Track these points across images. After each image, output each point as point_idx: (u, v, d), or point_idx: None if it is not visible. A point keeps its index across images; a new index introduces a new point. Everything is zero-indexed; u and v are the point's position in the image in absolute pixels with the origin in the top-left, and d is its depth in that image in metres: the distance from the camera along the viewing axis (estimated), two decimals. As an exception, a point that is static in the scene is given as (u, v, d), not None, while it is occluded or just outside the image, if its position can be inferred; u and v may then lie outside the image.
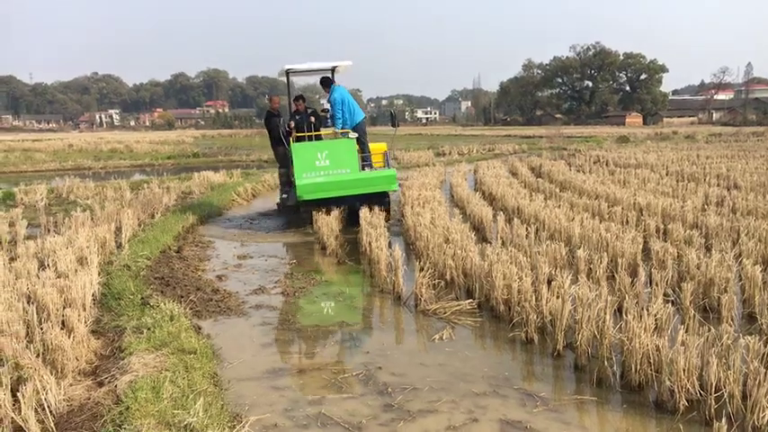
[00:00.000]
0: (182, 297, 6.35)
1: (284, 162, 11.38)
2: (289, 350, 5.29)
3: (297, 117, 11.01)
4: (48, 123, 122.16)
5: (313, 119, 10.94)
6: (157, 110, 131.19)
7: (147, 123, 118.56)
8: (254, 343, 5.43)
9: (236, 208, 14.03)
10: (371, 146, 11.07)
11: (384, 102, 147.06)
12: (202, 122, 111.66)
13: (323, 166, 10.01)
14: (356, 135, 10.46)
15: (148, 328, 5.06)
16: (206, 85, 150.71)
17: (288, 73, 11.18)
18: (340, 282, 7.44)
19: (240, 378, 4.62)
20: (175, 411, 3.60)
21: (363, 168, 10.46)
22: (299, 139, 10.57)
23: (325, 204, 10.10)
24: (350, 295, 6.83)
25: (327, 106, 10.90)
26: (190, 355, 4.60)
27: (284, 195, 11.69)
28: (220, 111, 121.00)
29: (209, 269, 8.09)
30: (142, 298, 6.00)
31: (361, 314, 6.28)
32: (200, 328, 5.58)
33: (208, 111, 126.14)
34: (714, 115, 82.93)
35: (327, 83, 10.97)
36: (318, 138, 10.70)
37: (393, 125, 11.48)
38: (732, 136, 38.36)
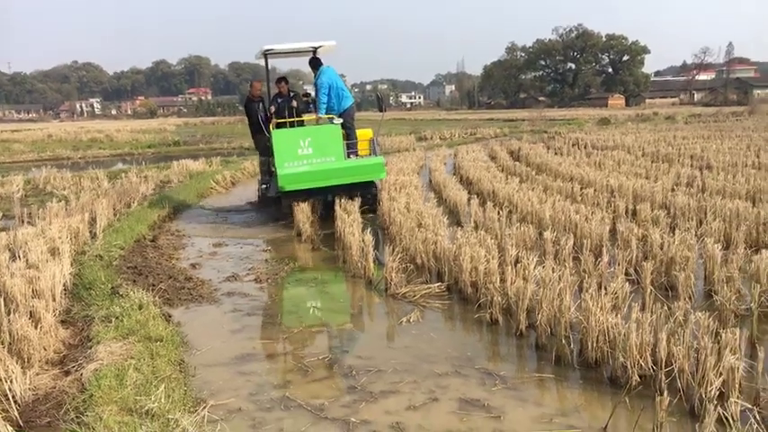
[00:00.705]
0: (153, 286, 6.39)
1: (265, 150, 10.69)
2: (257, 336, 5.35)
3: (279, 101, 10.32)
4: (27, 113, 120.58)
5: (295, 103, 10.30)
6: (139, 98, 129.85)
7: (129, 112, 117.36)
8: (224, 330, 5.49)
9: (214, 196, 14.02)
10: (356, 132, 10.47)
11: (368, 87, 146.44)
12: (185, 110, 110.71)
13: (306, 154, 9.38)
14: (341, 121, 9.82)
15: (117, 317, 5.11)
16: (188, 72, 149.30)
17: (266, 54, 10.52)
18: (313, 268, 7.51)
19: (207, 364, 4.69)
20: (138, 398, 3.66)
21: (349, 156, 9.84)
22: (279, 126, 9.86)
23: (309, 195, 9.56)
24: (322, 281, 6.90)
25: (310, 90, 10.46)
26: (156, 342, 4.65)
27: (264, 186, 11.14)
28: (203, 98, 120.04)
29: (184, 258, 8.12)
30: (112, 287, 6.03)
31: (332, 299, 6.36)
32: (170, 316, 5.63)
33: (190, 98, 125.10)
34: (696, 96, 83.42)
35: (317, 64, 10.22)
36: (301, 124, 10.14)
37: (380, 109, 10.75)
38: (711, 116, 38.71)
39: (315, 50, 10.59)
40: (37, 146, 32.67)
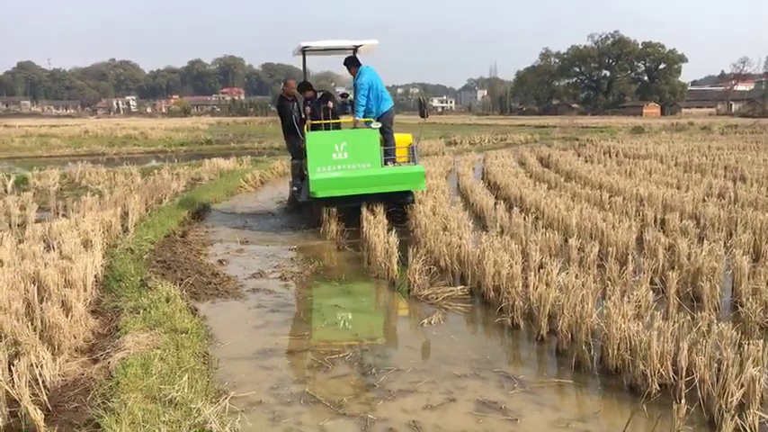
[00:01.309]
0: (180, 280, 6.52)
1: (297, 153, 10.19)
2: (280, 332, 5.43)
3: (309, 104, 10.02)
4: (66, 109, 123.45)
5: (330, 104, 9.92)
6: (174, 96, 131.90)
7: (164, 110, 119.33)
8: (248, 325, 5.58)
9: (242, 194, 14.20)
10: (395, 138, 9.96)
11: (399, 90, 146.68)
12: (218, 109, 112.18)
13: (340, 159, 8.96)
14: (380, 125, 9.33)
15: (145, 309, 5.24)
16: (222, 72, 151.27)
17: (304, 51, 10.09)
18: (337, 267, 7.58)
19: (230, 357, 4.78)
20: (162, 387, 3.76)
21: (386, 163, 9.36)
22: (314, 128, 9.46)
23: (341, 203, 9.14)
24: (345, 280, 6.96)
25: (345, 91, 10.09)
26: (182, 334, 4.76)
27: (294, 188, 10.71)
28: (236, 98, 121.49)
29: (211, 254, 8.26)
30: (141, 280, 6.17)
31: (355, 298, 6.41)
32: (196, 310, 5.74)
33: (223, 98, 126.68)
34: (733, 106, 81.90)
35: (354, 62, 9.71)
36: (337, 127, 9.72)
37: (422, 115, 10.02)
38: (749, 127, 37.94)
39: (355, 49, 10.21)
40: (73, 141, 33.41)
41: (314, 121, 9.55)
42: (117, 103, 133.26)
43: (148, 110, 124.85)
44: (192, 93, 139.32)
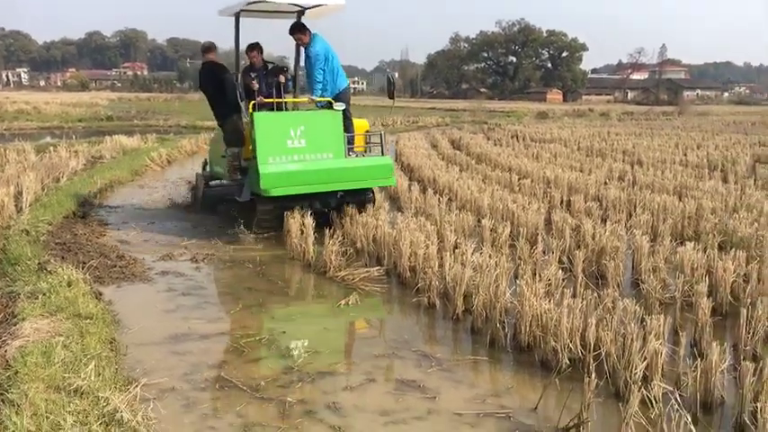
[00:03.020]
0: (83, 263, 6.16)
1: (236, 137, 7.92)
2: (193, 316, 5.25)
3: (252, 75, 8.13)
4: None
5: (282, 78, 8.23)
6: (70, 70, 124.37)
7: (59, 84, 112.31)
8: (158, 309, 5.37)
9: (149, 174, 13.63)
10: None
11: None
12: (119, 84, 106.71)
13: (297, 147, 7.35)
14: (343, 105, 7.74)
15: (44, 294, 4.91)
16: (123, 45, 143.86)
17: (238, 14, 8.21)
18: (252, 249, 7.40)
19: (140, 343, 4.58)
20: (66, 375, 3.54)
21: (348, 153, 7.85)
22: (262, 107, 7.75)
23: (294, 203, 7.45)
24: (260, 262, 6.82)
25: (287, 64, 8.59)
26: (86, 320, 4.51)
27: (219, 182, 8.83)
28: (138, 73, 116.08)
29: (116, 235, 7.86)
30: (39, 263, 5.78)
31: (269, 280, 6.29)
32: (100, 294, 5.45)
33: (125, 72, 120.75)
34: (629, 94, 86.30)
35: (303, 29, 7.86)
36: (294, 107, 8.24)
37: (389, 96, 8.46)
38: (643, 115, 40.17)
39: (302, 12, 8.49)
40: (-42, 115, 30.87)
41: (267, 99, 7.84)
42: (6, 76, 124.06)
43: (42, 83, 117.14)
44: (90, 66, 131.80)
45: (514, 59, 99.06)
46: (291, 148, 7.34)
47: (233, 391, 3.90)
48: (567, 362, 4.09)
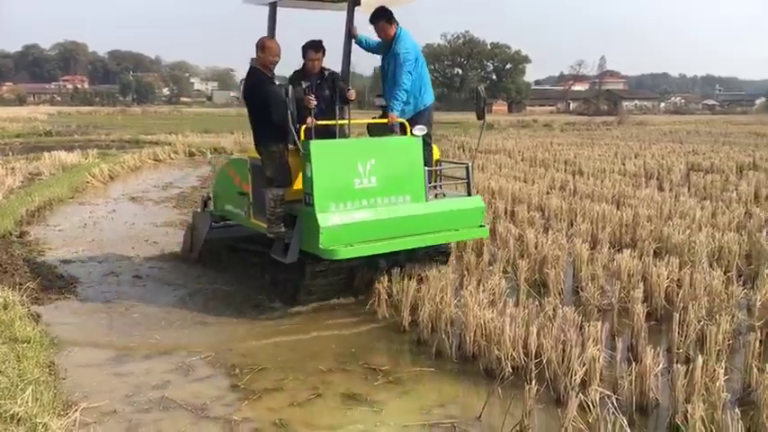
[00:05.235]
0: (20, 284, 5.96)
1: (283, 174, 5.49)
2: (134, 335, 5.14)
3: (303, 85, 5.68)
4: None
5: (352, 94, 5.79)
6: (6, 83, 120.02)
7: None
8: (99, 329, 5.24)
9: (90, 191, 13.27)
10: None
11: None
12: (59, 98, 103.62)
13: (366, 187, 5.28)
14: (424, 130, 5.63)
15: (-23, 318, 4.74)
16: (62, 58, 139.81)
17: (275, 4, 6.23)
18: (197, 265, 7.29)
19: (80, 365, 4.47)
20: (2, 402, 3.43)
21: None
22: (318, 133, 5.41)
23: (359, 264, 5.69)
24: (203, 277, 6.72)
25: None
26: (23, 344, 4.37)
27: (277, 236, 5.54)
28: (79, 86, 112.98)
29: (55, 255, 7.63)
30: (-28, 286, 5.58)
31: (216, 296, 6.20)
32: (39, 316, 5.29)
33: (65, 86, 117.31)
34: (571, 105, 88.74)
35: (390, 17, 5.82)
36: (346, 131, 5.91)
37: (479, 116, 5.94)
38: (584, 125, 41.34)
39: (356, 1, 5.92)
40: None
41: (321, 121, 5.48)
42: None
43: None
44: (28, 80, 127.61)
45: (460, 71, 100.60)
46: (359, 189, 5.27)
47: (178, 411, 3.85)
48: (510, 370, 4.19)
